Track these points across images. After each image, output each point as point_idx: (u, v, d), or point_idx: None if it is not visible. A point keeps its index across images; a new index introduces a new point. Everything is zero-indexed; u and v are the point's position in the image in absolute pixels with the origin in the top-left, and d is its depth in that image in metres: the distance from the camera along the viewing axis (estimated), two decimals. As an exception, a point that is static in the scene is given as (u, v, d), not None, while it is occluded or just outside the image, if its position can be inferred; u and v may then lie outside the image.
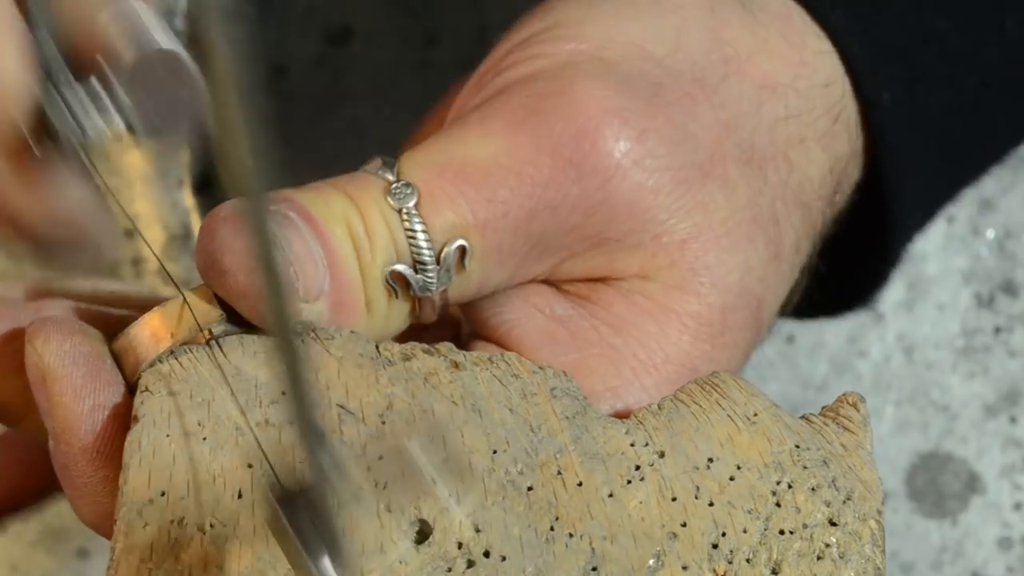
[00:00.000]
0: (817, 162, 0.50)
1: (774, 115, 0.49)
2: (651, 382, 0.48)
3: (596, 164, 0.47)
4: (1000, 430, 0.73)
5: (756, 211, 0.49)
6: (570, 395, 0.45)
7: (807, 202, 0.50)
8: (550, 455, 0.43)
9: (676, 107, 0.48)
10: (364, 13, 0.76)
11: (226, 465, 0.42)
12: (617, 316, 0.48)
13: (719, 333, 0.48)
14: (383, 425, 0.43)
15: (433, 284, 0.46)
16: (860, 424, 0.45)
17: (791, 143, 0.50)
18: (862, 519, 0.43)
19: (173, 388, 0.43)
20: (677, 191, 0.47)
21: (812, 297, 0.54)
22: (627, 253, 0.48)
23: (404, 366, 0.44)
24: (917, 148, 0.52)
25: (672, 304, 0.48)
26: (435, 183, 0.46)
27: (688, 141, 0.48)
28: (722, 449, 0.44)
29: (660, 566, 0.42)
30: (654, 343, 0.48)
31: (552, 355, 0.48)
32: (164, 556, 0.40)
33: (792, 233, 0.50)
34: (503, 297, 0.49)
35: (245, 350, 0.44)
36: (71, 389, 0.44)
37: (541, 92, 0.47)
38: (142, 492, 0.41)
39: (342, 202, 0.46)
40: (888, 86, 0.51)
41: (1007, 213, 0.74)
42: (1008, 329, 0.73)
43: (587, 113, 0.47)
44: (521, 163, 0.46)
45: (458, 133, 0.47)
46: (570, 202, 0.47)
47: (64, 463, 0.44)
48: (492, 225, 0.46)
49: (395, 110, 0.52)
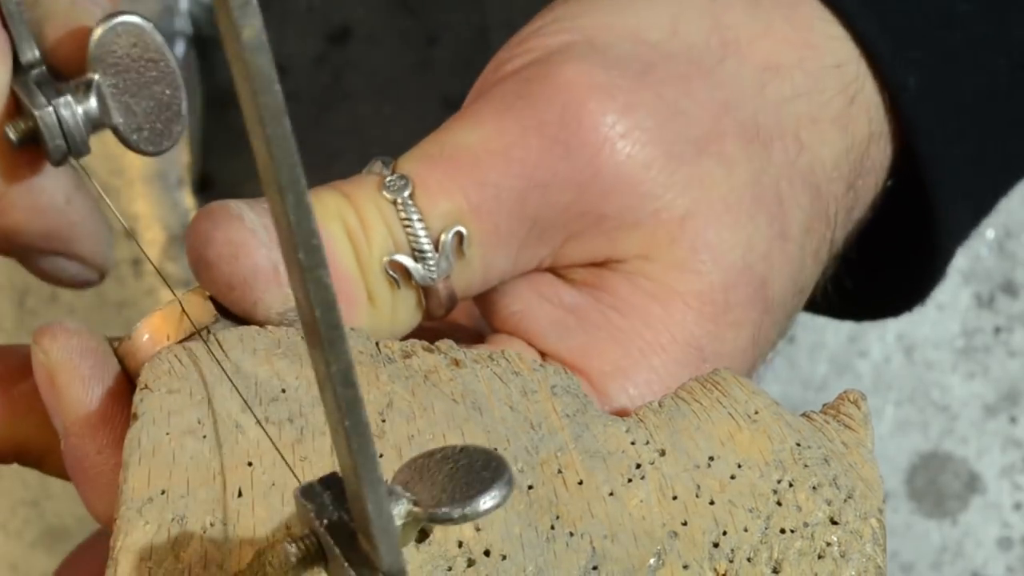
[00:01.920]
0: (831, 143, 0.50)
1: (779, 95, 0.49)
2: (659, 362, 0.48)
3: (583, 139, 0.47)
4: (1000, 430, 0.73)
5: (758, 189, 0.49)
6: (571, 393, 0.45)
7: (817, 183, 0.50)
8: (551, 453, 0.43)
9: (667, 85, 0.48)
10: (364, 13, 0.76)
11: (226, 463, 0.42)
12: (623, 300, 0.48)
13: (722, 312, 0.48)
14: (383, 423, 0.43)
15: (434, 272, 0.46)
16: (861, 422, 0.45)
17: (801, 123, 0.49)
18: (863, 518, 0.43)
19: (173, 386, 0.43)
20: (670, 165, 0.47)
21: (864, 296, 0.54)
22: (627, 232, 0.48)
23: (404, 363, 0.44)
24: (951, 132, 0.52)
25: (674, 284, 0.48)
26: (428, 173, 0.46)
27: (680, 117, 0.48)
28: (723, 447, 0.44)
29: (661, 565, 0.42)
30: (659, 324, 0.48)
31: (561, 341, 0.48)
32: (164, 554, 0.40)
33: (800, 213, 0.50)
34: (512, 289, 0.49)
35: (245, 347, 0.44)
36: (79, 379, 0.44)
37: (528, 77, 0.48)
38: (142, 490, 0.41)
39: (336, 199, 0.46)
40: (913, 70, 0.51)
41: (1007, 213, 0.74)
42: (1008, 329, 0.73)
43: (572, 90, 0.47)
44: (508, 145, 0.47)
45: (450, 126, 0.48)
46: (561, 179, 0.47)
47: (76, 456, 0.44)
48: (486, 208, 0.46)
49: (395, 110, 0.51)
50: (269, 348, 0.44)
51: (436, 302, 0.47)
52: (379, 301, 0.46)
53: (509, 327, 0.49)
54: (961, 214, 0.54)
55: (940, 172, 0.52)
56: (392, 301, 0.46)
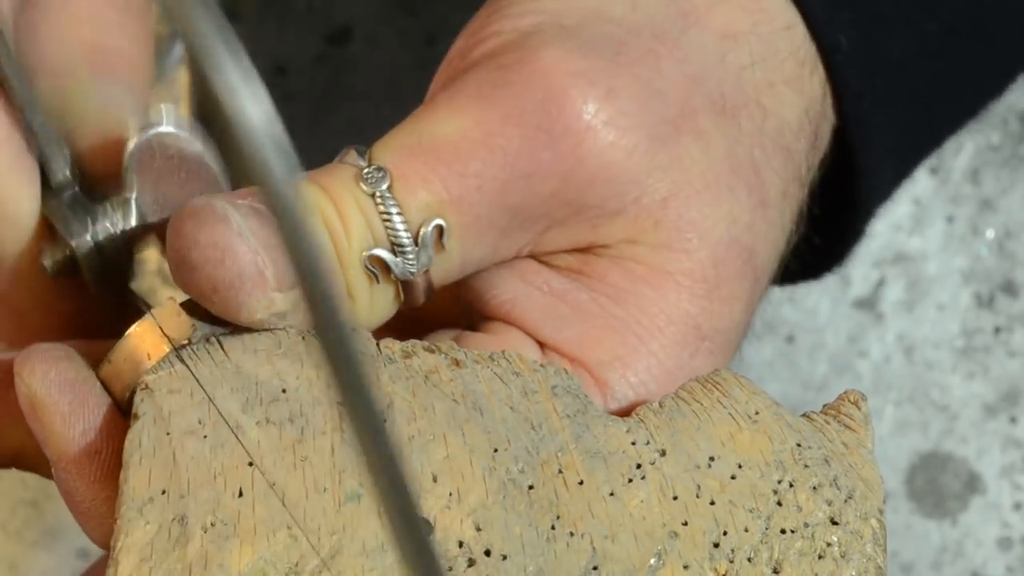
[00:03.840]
0: (791, 105, 0.50)
1: (739, 63, 0.49)
2: (657, 346, 0.47)
3: (566, 127, 0.46)
4: (1000, 430, 0.73)
5: (734, 161, 0.48)
6: (571, 393, 0.45)
7: (786, 145, 0.50)
8: (551, 453, 0.43)
9: (641, 64, 0.48)
10: (364, 13, 0.76)
11: (227, 463, 0.42)
12: (613, 286, 0.48)
13: (714, 287, 0.48)
14: (384, 423, 0.43)
15: (413, 266, 0.45)
16: (861, 422, 0.45)
17: (760, 89, 0.49)
18: (863, 518, 0.43)
19: (173, 386, 0.43)
20: (652, 148, 0.47)
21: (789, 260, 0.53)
22: (609, 219, 0.47)
23: (404, 364, 0.44)
24: (880, 93, 0.52)
25: (664, 265, 0.48)
26: (406, 164, 0.45)
27: (656, 97, 0.47)
28: (723, 448, 0.44)
29: (661, 565, 0.42)
30: (654, 308, 0.47)
31: (556, 330, 0.47)
32: (164, 554, 0.40)
33: (776, 178, 0.49)
34: (497, 277, 0.48)
35: (246, 348, 0.44)
36: (60, 417, 0.43)
37: (504, 64, 0.47)
38: (142, 490, 0.41)
39: (313, 192, 0.45)
40: (845, 29, 0.51)
41: (1007, 213, 0.74)
42: (1008, 329, 0.74)
43: (552, 78, 0.46)
44: (490, 135, 0.46)
45: (425, 114, 0.47)
46: (544, 169, 0.46)
47: (66, 489, 0.44)
48: (467, 200, 0.46)
49: (395, 110, 0.51)
50: (270, 348, 0.44)
51: (414, 294, 0.46)
52: (357, 295, 0.45)
53: (501, 316, 0.48)
54: (883, 175, 0.54)
55: (866, 134, 0.52)
56: (370, 295, 0.46)
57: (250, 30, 0.76)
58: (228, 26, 0.25)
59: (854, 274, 0.75)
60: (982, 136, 0.75)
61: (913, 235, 0.75)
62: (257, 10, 0.76)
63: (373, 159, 0.46)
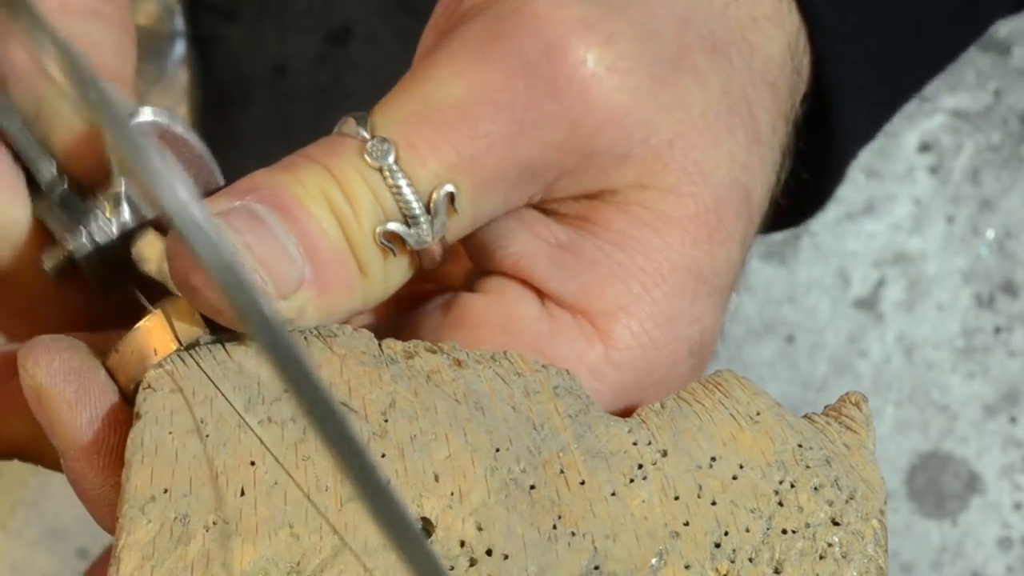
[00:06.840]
0: (775, 39, 0.50)
1: (722, 0, 0.49)
2: (660, 294, 0.47)
3: (571, 76, 0.46)
4: (1000, 430, 0.73)
5: (730, 100, 0.48)
6: (573, 393, 0.45)
7: (773, 81, 0.50)
8: (553, 453, 0.43)
9: (633, 7, 0.47)
10: (364, 13, 0.76)
11: (229, 462, 0.42)
12: (619, 232, 0.48)
13: (715, 229, 0.48)
14: (386, 423, 0.43)
15: (428, 234, 0.45)
16: (863, 423, 0.45)
17: (745, 25, 0.49)
18: (865, 518, 0.43)
19: (176, 385, 0.43)
20: (655, 89, 0.47)
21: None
22: (619, 162, 0.47)
23: (407, 364, 0.44)
24: (853, 30, 0.52)
25: (671, 211, 0.47)
26: (414, 134, 0.45)
27: (653, 38, 0.47)
28: (725, 448, 0.44)
29: (662, 565, 0.42)
30: (659, 255, 0.47)
31: (561, 282, 0.47)
32: (166, 553, 0.40)
33: (766, 115, 0.50)
34: (505, 230, 0.48)
35: (248, 347, 0.44)
36: (66, 405, 0.43)
37: (500, 15, 0.47)
38: (144, 489, 0.41)
39: (317, 175, 0.45)
40: None
41: (1007, 213, 0.74)
42: (1008, 329, 0.74)
43: (551, 27, 0.46)
44: (495, 91, 0.45)
45: (426, 75, 0.46)
46: (552, 119, 0.46)
47: (75, 477, 0.44)
48: (478, 161, 0.45)
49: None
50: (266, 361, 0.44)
51: (430, 259, 0.46)
52: (372, 271, 0.45)
53: (506, 268, 0.48)
54: (858, 115, 0.54)
55: (839, 69, 0.52)
56: (384, 269, 0.45)
57: (250, 30, 0.76)
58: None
59: (854, 274, 0.75)
60: (982, 136, 0.75)
61: (913, 235, 0.75)
62: (257, 10, 0.76)
63: (376, 130, 0.45)
